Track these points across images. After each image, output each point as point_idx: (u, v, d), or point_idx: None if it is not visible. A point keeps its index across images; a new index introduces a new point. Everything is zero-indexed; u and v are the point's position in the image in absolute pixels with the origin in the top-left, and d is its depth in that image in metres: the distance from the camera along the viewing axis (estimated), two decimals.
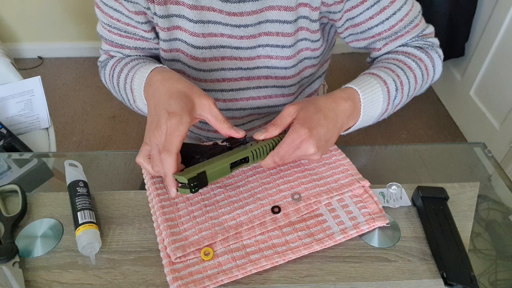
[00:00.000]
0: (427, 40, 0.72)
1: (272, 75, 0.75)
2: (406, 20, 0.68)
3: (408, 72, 0.67)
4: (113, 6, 0.66)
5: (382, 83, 0.64)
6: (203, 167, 0.53)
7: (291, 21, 0.66)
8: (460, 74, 1.99)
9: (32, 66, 2.38)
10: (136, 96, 0.66)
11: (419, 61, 0.69)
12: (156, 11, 0.65)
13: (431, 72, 0.71)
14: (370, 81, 0.63)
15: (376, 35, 0.69)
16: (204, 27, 0.67)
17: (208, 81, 0.75)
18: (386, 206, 0.61)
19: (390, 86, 0.64)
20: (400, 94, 0.66)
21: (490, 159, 0.73)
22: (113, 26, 0.70)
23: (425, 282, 0.53)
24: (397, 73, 0.66)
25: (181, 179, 0.51)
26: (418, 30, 0.70)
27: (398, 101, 0.67)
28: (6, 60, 1.13)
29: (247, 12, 0.65)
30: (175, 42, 0.70)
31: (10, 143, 0.99)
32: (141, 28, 0.69)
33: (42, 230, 0.57)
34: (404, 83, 0.66)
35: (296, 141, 0.55)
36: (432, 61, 0.70)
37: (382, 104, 0.64)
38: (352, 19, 0.67)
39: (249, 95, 0.77)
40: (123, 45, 0.72)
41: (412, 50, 0.70)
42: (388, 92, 0.64)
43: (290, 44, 0.69)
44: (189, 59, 0.71)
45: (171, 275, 0.50)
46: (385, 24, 0.67)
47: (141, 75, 0.63)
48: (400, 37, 0.69)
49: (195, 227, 0.56)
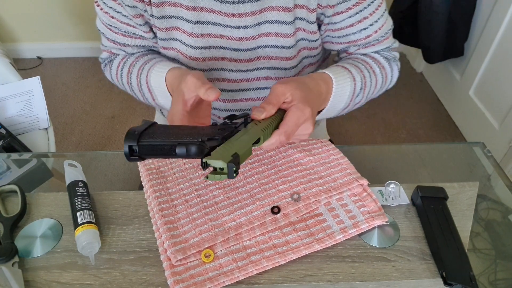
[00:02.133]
0: (392, 53, 0.77)
1: (272, 76, 0.75)
2: (380, 32, 0.72)
3: (373, 76, 0.72)
4: (113, 7, 0.67)
5: (351, 79, 0.67)
6: (230, 148, 0.47)
7: (290, 22, 0.66)
8: (459, 74, 1.99)
9: (32, 66, 2.38)
10: (158, 95, 0.68)
11: (382, 69, 0.74)
12: (153, 12, 0.65)
13: (389, 81, 0.77)
14: (343, 73, 0.67)
15: (351, 41, 0.73)
16: (202, 28, 0.67)
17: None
18: (385, 205, 0.61)
19: (357, 83, 0.68)
20: (362, 94, 0.71)
21: (489, 158, 0.73)
22: (114, 26, 0.70)
23: (425, 281, 0.53)
24: (364, 74, 0.70)
25: (218, 163, 0.44)
26: (388, 43, 0.75)
27: (359, 100, 0.72)
28: (5, 60, 1.13)
29: (246, 13, 0.65)
30: (173, 41, 0.70)
31: (9, 144, 0.99)
32: (141, 29, 0.69)
33: (42, 230, 0.57)
34: (367, 84, 0.71)
35: (301, 119, 0.55)
36: (392, 71, 0.76)
37: (347, 99, 0.68)
38: (334, 23, 0.70)
39: (249, 96, 0.78)
40: (125, 44, 0.73)
41: (379, 58, 0.75)
42: (354, 89, 0.68)
43: (290, 45, 0.69)
44: (188, 59, 0.71)
45: (172, 278, 0.50)
46: (362, 33, 0.71)
47: (158, 76, 0.66)
48: (372, 46, 0.74)
49: (195, 229, 0.56)
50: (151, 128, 0.50)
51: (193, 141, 0.48)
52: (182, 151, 0.48)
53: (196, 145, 0.47)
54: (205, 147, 0.47)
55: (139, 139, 0.48)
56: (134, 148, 0.48)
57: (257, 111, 0.54)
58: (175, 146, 0.48)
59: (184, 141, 0.48)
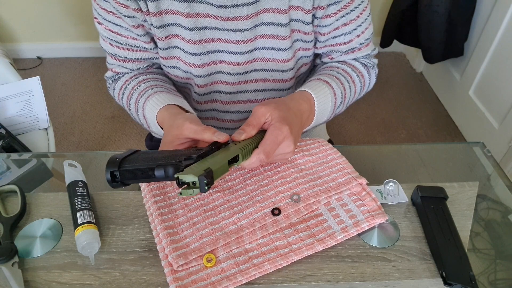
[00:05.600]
0: (371, 60, 0.79)
1: (270, 78, 0.75)
2: (362, 37, 0.74)
3: (352, 86, 0.74)
4: (112, 20, 0.67)
5: (332, 94, 0.69)
6: (204, 165, 0.48)
7: (285, 24, 0.67)
8: (459, 73, 1.99)
9: (31, 66, 2.38)
10: (150, 125, 0.69)
11: (361, 77, 0.76)
12: (153, 22, 0.66)
13: (366, 88, 0.80)
14: (323, 90, 0.68)
15: (335, 44, 0.74)
16: (200, 34, 0.67)
17: (208, 85, 0.76)
18: (384, 203, 0.61)
19: (337, 97, 0.71)
20: (342, 104, 0.74)
21: (489, 158, 0.73)
22: (114, 40, 0.70)
23: (425, 281, 0.53)
24: (344, 86, 0.72)
25: (189, 177, 0.46)
26: (369, 50, 0.77)
27: (339, 111, 0.75)
28: (5, 60, 1.13)
29: (242, 16, 0.65)
30: (173, 50, 0.70)
31: (9, 144, 0.99)
32: (141, 40, 0.70)
33: (42, 231, 0.57)
34: (347, 95, 0.74)
35: (279, 138, 0.56)
36: (370, 79, 0.79)
37: (328, 113, 0.71)
38: (322, 27, 0.71)
39: (247, 98, 0.78)
40: (126, 58, 0.73)
41: (358, 65, 0.77)
42: (335, 103, 0.71)
43: (286, 47, 0.70)
44: (188, 66, 0.72)
45: (174, 284, 0.50)
46: (346, 37, 0.72)
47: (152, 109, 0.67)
48: (353, 52, 0.75)
49: (196, 233, 0.55)
50: (133, 155, 0.53)
51: (170, 162, 0.50)
52: (160, 173, 0.49)
53: (173, 166, 0.49)
54: (181, 165, 0.48)
55: (120, 165, 0.50)
56: (116, 174, 0.50)
57: (237, 132, 0.56)
58: (153, 168, 0.49)
59: (162, 163, 0.50)
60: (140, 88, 0.72)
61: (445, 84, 2.12)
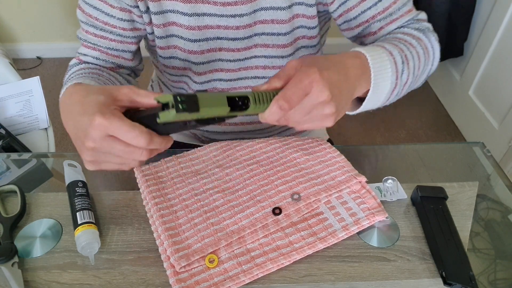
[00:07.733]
0: (422, 24, 0.69)
1: (269, 65, 0.75)
2: (399, 2, 0.65)
3: (411, 48, 0.61)
4: (94, 4, 0.65)
5: (388, 53, 0.57)
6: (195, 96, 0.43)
7: (285, 7, 0.66)
8: (459, 73, 1.99)
9: (31, 67, 2.38)
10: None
11: (419, 40, 0.64)
12: (150, 7, 0.65)
13: (431, 54, 0.67)
14: (375, 48, 0.57)
15: (370, 18, 0.66)
16: (199, 20, 0.67)
17: (207, 73, 0.75)
18: (384, 200, 0.61)
19: (396, 58, 0.58)
20: (407, 69, 0.60)
21: (489, 158, 0.73)
22: (90, 24, 0.68)
23: (424, 281, 0.53)
24: (400, 47, 0.60)
25: (165, 97, 0.42)
26: (412, 15, 0.68)
27: (406, 77, 0.60)
28: (5, 60, 1.13)
29: (241, 1, 0.65)
30: (171, 38, 0.70)
31: (9, 144, 0.99)
32: (120, 26, 0.67)
33: (41, 231, 0.57)
34: (408, 57, 0.60)
35: (304, 81, 0.45)
36: (430, 42, 0.66)
37: (391, 76, 0.57)
38: (344, 3, 0.65)
39: (247, 85, 0.78)
40: (95, 45, 0.70)
41: (410, 30, 0.66)
42: (395, 64, 0.57)
43: (285, 31, 0.69)
44: (187, 54, 0.71)
45: (178, 285, 0.50)
46: (378, 6, 0.65)
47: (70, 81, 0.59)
48: (395, 20, 0.66)
49: (197, 234, 0.55)
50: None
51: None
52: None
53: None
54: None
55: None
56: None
57: (260, 84, 0.49)
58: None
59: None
60: (83, 72, 0.66)
61: (445, 84, 2.12)
